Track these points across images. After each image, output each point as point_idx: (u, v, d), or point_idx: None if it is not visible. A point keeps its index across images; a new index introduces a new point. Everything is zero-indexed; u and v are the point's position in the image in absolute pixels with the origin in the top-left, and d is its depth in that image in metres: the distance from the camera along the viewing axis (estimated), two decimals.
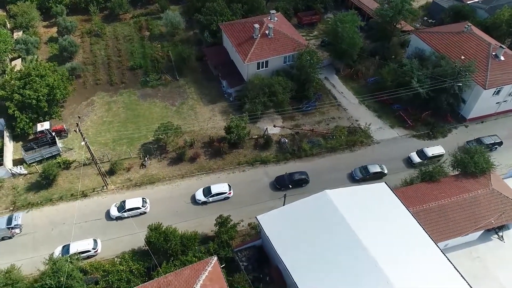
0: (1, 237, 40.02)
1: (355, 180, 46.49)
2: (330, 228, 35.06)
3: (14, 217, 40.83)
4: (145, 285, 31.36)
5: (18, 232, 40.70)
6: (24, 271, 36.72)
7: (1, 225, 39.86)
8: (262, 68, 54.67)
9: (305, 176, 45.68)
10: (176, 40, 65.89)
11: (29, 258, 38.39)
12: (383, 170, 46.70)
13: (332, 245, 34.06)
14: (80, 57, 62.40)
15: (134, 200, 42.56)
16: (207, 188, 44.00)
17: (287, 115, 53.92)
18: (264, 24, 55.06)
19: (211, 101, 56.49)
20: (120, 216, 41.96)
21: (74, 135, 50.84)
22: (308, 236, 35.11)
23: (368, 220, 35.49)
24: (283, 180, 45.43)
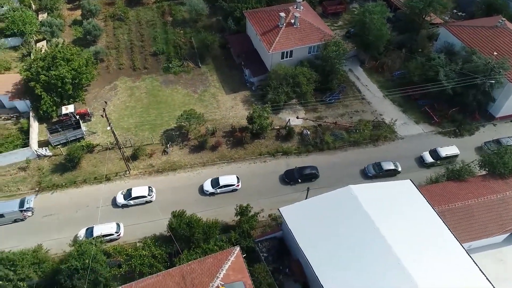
0: (13, 219, 40.69)
1: (367, 176, 45.84)
2: (353, 224, 34.74)
3: (26, 200, 41.36)
4: (168, 271, 31.72)
5: (30, 215, 41.30)
6: (49, 251, 37.44)
7: (14, 208, 40.38)
8: (286, 58, 53.86)
9: (315, 171, 45.21)
10: (198, 26, 65.28)
11: (54, 239, 39.10)
12: (397, 168, 45.92)
13: (355, 241, 33.77)
14: (104, 41, 62.42)
15: (140, 189, 42.68)
16: (215, 179, 43.93)
17: (310, 106, 53.26)
18: (290, 12, 54.01)
19: (233, 89, 56.10)
20: (126, 204, 42.19)
21: (98, 119, 51.36)
22: (330, 230, 34.89)
23: (392, 217, 35.03)
24: (292, 174, 45.04)
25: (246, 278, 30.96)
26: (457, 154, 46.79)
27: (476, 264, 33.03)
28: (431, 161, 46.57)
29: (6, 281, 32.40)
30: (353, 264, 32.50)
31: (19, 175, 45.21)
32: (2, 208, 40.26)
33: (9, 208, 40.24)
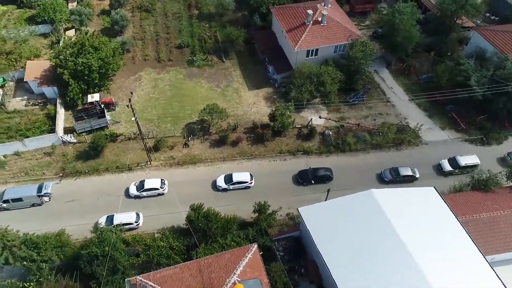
0: (31, 204, 41.65)
1: (384, 181, 45.10)
2: (373, 228, 34.28)
3: (44, 186, 42.23)
4: (186, 264, 32.04)
5: (47, 200, 42.19)
6: (71, 236, 38.30)
7: (32, 193, 41.33)
8: (312, 56, 53.28)
9: (329, 173, 44.71)
10: (224, 21, 65.27)
11: (76, 225, 39.93)
12: (415, 174, 45.00)
13: (374, 246, 33.34)
14: (130, 32, 63.07)
15: (153, 181, 43.03)
16: (229, 176, 43.90)
17: (333, 106, 52.65)
18: (317, 10, 53.33)
19: (256, 85, 55.93)
20: (138, 195, 42.60)
21: (122, 108, 52.08)
22: (349, 233, 34.52)
23: (413, 224, 34.42)
24: (306, 174, 44.63)
25: (263, 276, 30.99)
26: (477, 163, 45.45)
27: (499, 278, 32.14)
28: (450, 170, 45.46)
29: (30, 261, 33.31)
30: (370, 268, 32.11)
31: (44, 160, 46.33)
32: (21, 192, 41.33)
33: (28, 193, 41.31)
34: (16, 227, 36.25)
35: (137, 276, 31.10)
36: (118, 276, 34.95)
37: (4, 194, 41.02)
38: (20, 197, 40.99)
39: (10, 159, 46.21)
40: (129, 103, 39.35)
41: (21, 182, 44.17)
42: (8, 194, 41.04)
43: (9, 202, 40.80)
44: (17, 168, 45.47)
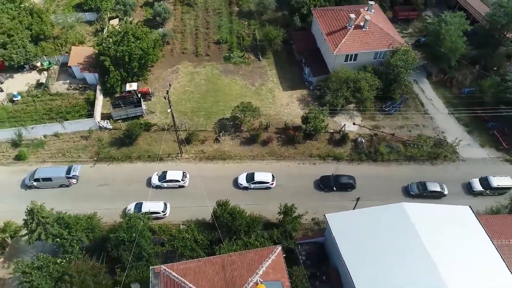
0: (60, 185, 43.12)
1: (409, 195, 43.75)
2: (402, 243, 33.31)
3: (73, 168, 43.57)
4: (209, 258, 32.26)
5: (74, 182, 43.50)
6: (101, 219, 39.39)
7: (61, 174, 42.76)
8: (350, 61, 52.38)
9: (352, 181, 43.84)
10: (263, 19, 65.29)
11: (106, 209, 41.02)
12: (443, 191, 43.43)
13: (400, 260, 32.43)
14: (171, 25, 64.15)
15: (175, 172, 43.58)
16: (251, 174, 43.86)
17: (368, 114, 51.58)
18: (360, 14, 52.30)
19: (290, 86, 55.60)
20: (160, 185, 43.18)
21: (157, 99, 53.12)
22: (376, 245, 33.70)
23: (444, 242, 33.19)
24: (328, 181, 43.92)
25: (285, 279, 30.78)
26: (510, 186, 43.25)
27: None
28: (480, 190, 43.53)
29: (61, 239, 34.57)
30: (394, 283, 31.21)
31: (80, 143, 47.95)
32: (51, 173, 42.91)
33: (57, 174, 42.82)
34: (49, 206, 37.66)
35: (161, 265, 31.58)
36: (142, 262, 35.69)
37: (36, 173, 42.79)
38: (50, 177, 42.59)
39: (50, 139, 48.12)
40: (167, 94, 39.98)
41: (58, 162, 45.90)
42: (39, 173, 42.80)
43: (40, 181, 42.49)
44: (55, 149, 47.29)
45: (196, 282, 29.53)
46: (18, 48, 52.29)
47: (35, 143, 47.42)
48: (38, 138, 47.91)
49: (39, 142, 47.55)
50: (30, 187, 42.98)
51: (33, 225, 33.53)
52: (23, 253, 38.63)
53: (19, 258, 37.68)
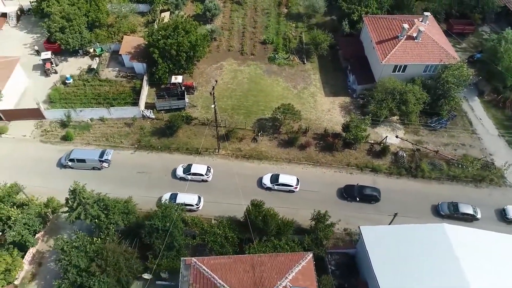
0: (92, 167, 44.59)
1: (439, 215, 42.02)
2: (438, 264, 32.01)
3: (106, 153, 44.86)
4: (239, 257, 32.39)
5: (106, 166, 44.86)
6: (136, 204, 40.41)
7: (95, 157, 44.22)
8: (398, 72, 50.91)
9: (376, 194, 42.76)
10: (311, 23, 64.86)
11: (142, 196, 42.04)
12: (476, 214, 41.51)
13: (435, 282, 31.12)
14: (219, 21, 64.98)
15: (199, 166, 44.07)
16: (275, 176, 43.59)
17: (411, 128, 49.95)
18: (414, 25, 50.68)
19: (333, 92, 54.82)
20: (184, 178, 43.72)
21: (200, 93, 53.96)
22: (411, 263, 32.60)
23: (486, 270, 31.57)
24: (352, 190, 43.00)
25: (313, 286, 30.35)
26: None
27: None
28: None
29: (99, 221, 35.82)
30: None
31: (124, 129, 49.50)
32: (85, 155, 44.52)
33: (91, 156, 44.36)
34: (88, 187, 38.96)
35: (192, 258, 32.00)
36: (172, 252, 36.32)
37: (71, 154, 44.60)
38: (84, 159, 44.24)
39: (95, 123, 50.02)
40: (212, 90, 40.45)
41: (101, 146, 47.57)
42: (74, 154, 44.55)
43: (74, 161, 44.23)
44: (100, 133, 49.11)
45: (225, 278, 29.70)
46: (75, 33, 54.73)
47: (82, 126, 49.45)
48: (85, 121, 49.96)
49: (86, 125, 49.55)
50: (65, 167, 44.85)
51: (74, 204, 34.92)
52: (62, 229, 40.41)
53: (58, 233, 39.55)
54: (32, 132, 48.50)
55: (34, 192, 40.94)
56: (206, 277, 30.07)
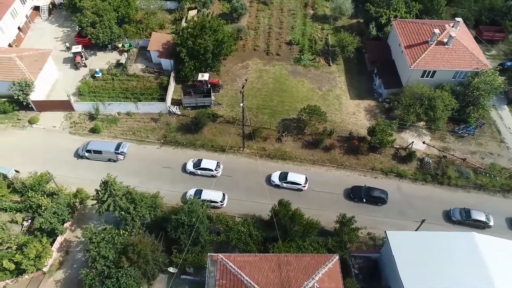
0: (108, 159, 45.32)
1: (451, 220, 41.58)
2: (467, 273, 31.63)
3: (122, 145, 45.55)
4: (265, 255, 32.54)
5: (121, 158, 45.52)
6: (163, 198, 40.86)
7: (111, 149, 44.94)
8: (427, 77, 50.34)
9: (384, 196, 42.55)
10: (337, 25, 64.68)
11: (166, 190, 42.45)
12: (488, 222, 40.95)
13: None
14: (245, 21, 65.27)
15: (209, 162, 44.45)
16: (284, 174, 43.78)
17: (438, 134, 49.34)
18: (445, 30, 50.05)
19: (358, 95, 54.55)
20: (193, 172, 44.18)
21: (225, 91, 54.34)
22: (437, 270, 32.19)
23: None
24: (359, 191, 42.87)
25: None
26: None
27: None
28: None
29: (126, 213, 36.42)
30: None
31: (150, 124, 50.17)
32: (102, 146, 45.27)
33: (107, 148, 45.08)
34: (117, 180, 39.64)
35: (219, 254, 32.26)
36: (197, 248, 36.71)
37: (88, 145, 45.45)
38: (100, 150, 44.98)
39: (122, 117, 50.83)
40: (242, 89, 40.70)
41: (128, 139, 48.34)
42: (91, 145, 45.38)
43: (91, 152, 45.07)
44: (127, 127, 49.88)
45: (252, 276, 29.88)
46: (105, 28, 55.74)
47: (109, 119, 50.32)
48: (112, 114, 50.82)
49: (113, 119, 50.40)
50: (81, 157, 45.74)
51: (105, 196, 35.58)
52: (89, 219, 41.19)
53: (85, 223, 40.29)
54: (62, 124, 49.58)
55: (62, 182, 41.84)
56: (233, 274, 30.30)
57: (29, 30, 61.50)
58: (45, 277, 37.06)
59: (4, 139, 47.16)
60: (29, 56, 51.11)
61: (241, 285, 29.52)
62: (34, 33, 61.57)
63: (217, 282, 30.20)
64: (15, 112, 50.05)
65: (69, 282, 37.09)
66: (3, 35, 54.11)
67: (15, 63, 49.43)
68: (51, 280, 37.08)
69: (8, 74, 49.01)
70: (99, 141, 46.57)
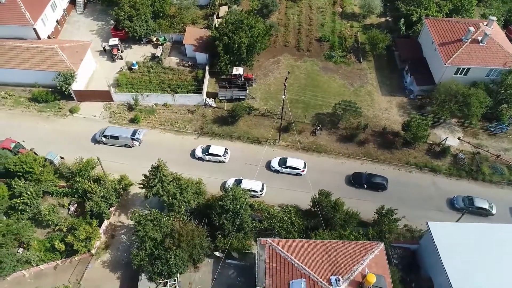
0: (124, 144, 46.56)
1: (454, 208, 42.77)
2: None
3: (138, 132, 46.92)
4: (312, 241, 33.44)
5: (137, 144, 46.78)
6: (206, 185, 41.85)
7: (127, 135, 46.27)
8: (460, 74, 50.90)
9: (384, 182, 43.95)
10: (365, 23, 65.40)
11: (205, 177, 43.41)
12: (491, 209, 41.82)
13: (509, 282, 31.31)
14: (275, 18, 66.10)
15: (217, 148, 45.99)
16: (283, 159, 45.16)
17: (470, 131, 49.90)
18: (479, 29, 50.60)
19: (390, 92, 55.23)
20: (202, 158, 45.60)
21: (258, 86, 55.36)
22: (482, 262, 32.75)
23: None
24: (360, 178, 44.25)
25: (386, 275, 31.07)
26: None
27: None
28: None
29: (173, 198, 37.52)
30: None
31: (187, 116, 51.34)
32: (119, 132, 46.64)
33: (124, 134, 46.45)
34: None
35: (267, 239, 33.21)
36: (240, 234, 37.66)
37: (106, 130, 46.77)
38: (117, 136, 46.32)
39: (159, 108, 52.06)
40: (285, 81, 41.64)
41: (166, 130, 49.59)
42: (108, 131, 46.70)
43: (108, 138, 46.38)
44: (164, 118, 51.09)
45: (302, 260, 30.77)
46: (142, 22, 57.05)
47: (147, 110, 51.56)
48: (150, 105, 52.06)
49: (151, 110, 51.64)
50: (98, 142, 47.08)
51: (155, 180, 36.71)
52: (132, 205, 42.39)
53: (128, 209, 41.54)
54: (101, 113, 50.93)
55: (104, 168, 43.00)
56: (283, 257, 31.21)
57: (65, 23, 63.01)
58: (93, 259, 38.26)
59: (47, 127, 48.65)
60: (70, 47, 52.57)
61: (292, 268, 30.42)
62: (70, 26, 63.05)
63: (267, 265, 31.11)
64: (56, 101, 51.47)
65: (115, 263, 38.30)
66: (44, 28, 55.58)
67: (57, 54, 50.89)
68: (98, 262, 38.30)
69: (51, 64, 50.52)
70: (116, 128, 47.99)
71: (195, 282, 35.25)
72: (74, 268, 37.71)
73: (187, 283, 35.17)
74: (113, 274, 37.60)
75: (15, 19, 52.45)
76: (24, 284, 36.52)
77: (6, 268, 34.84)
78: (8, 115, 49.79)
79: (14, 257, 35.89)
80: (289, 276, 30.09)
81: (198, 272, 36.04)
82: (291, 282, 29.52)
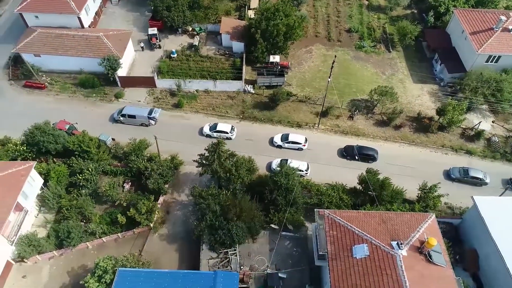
0: (140, 123, 48.36)
1: (450, 178, 45.41)
2: None
3: (154, 111, 48.77)
4: (368, 212, 35.16)
5: (153, 123, 48.52)
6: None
7: (144, 114, 48.09)
8: (491, 62, 52.88)
9: (373, 153, 46.43)
10: (392, 15, 67.33)
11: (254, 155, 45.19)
12: (485, 179, 44.49)
13: None
14: (303, 10, 68.08)
15: (224, 125, 48.08)
16: (285, 135, 47.37)
17: (501, 116, 51.83)
18: (510, 18, 52.56)
19: (420, 80, 57.15)
20: (210, 135, 47.47)
21: (293, 73, 57.25)
22: None
23: None
24: (351, 150, 46.55)
25: (441, 243, 32.85)
26: None
27: None
28: None
29: (230, 174, 39.31)
30: None
31: (227, 101, 53.19)
32: (136, 111, 48.40)
33: (141, 113, 48.24)
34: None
35: (325, 210, 35.03)
36: (292, 209, 39.44)
37: (123, 110, 48.63)
38: (134, 115, 48.13)
39: (200, 94, 53.91)
40: (332, 64, 43.57)
41: (209, 115, 51.44)
42: (126, 110, 48.53)
43: (125, 117, 48.17)
44: (206, 103, 52.95)
45: (361, 227, 32.58)
46: (179, 12, 58.93)
47: (189, 96, 53.41)
48: (191, 91, 53.90)
49: (192, 95, 53.50)
50: (116, 121, 48.91)
51: (214, 157, 38.51)
52: (183, 184, 44.19)
53: (180, 187, 43.35)
54: (146, 99, 52.77)
55: (154, 149, 44.74)
56: (342, 226, 33.00)
57: (102, 14, 64.86)
58: (151, 232, 40.06)
59: (96, 110, 50.51)
60: (114, 35, 54.39)
61: (352, 234, 32.23)
62: (106, 17, 64.85)
63: (327, 233, 32.91)
64: (101, 87, 53.31)
65: (172, 237, 40.08)
66: (86, 17, 57.46)
67: (102, 42, 52.72)
68: (156, 235, 40.08)
69: (97, 51, 52.33)
70: (133, 107, 49.77)
71: (254, 252, 37.01)
72: (133, 241, 39.48)
73: (246, 253, 36.94)
74: (171, 246, 39.38)
75: (61, 8, 54.32)
76: (88, 255, 38.29)
77: (75, 239, 36.63)
78: (56, 100, 51.64)
79: (81, 228, 37.71)
80: (350, 242, 31.89)
81: (255, 243, 37.80)
82: (353, 247, 31.33)
